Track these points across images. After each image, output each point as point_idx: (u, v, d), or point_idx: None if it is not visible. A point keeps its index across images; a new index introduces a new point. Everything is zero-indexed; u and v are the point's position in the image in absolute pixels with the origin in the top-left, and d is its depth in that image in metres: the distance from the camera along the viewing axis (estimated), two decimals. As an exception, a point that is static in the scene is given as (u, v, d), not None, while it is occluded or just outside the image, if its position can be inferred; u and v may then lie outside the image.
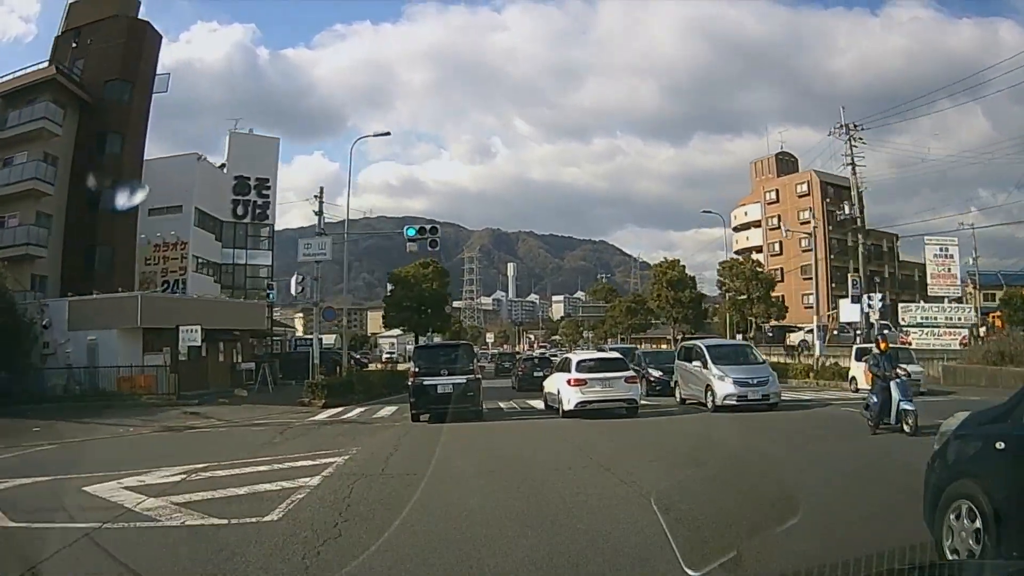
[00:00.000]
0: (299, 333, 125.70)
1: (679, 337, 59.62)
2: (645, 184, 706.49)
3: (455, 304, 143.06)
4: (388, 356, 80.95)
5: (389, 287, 54.04)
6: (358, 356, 67.28)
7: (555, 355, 43.12)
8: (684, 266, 59.13)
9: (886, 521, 7.04)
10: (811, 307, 77.01)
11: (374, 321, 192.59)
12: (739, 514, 6.74)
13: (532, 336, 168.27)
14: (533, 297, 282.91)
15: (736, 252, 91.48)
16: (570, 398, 19.02)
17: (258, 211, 62.53)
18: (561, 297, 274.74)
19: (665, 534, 5.18)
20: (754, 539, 5.26)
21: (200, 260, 57.91)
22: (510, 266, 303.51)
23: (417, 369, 19.98)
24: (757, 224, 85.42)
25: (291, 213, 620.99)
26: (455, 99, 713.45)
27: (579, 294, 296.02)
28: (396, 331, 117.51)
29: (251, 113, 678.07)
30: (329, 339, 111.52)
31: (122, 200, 43.19)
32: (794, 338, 53.06)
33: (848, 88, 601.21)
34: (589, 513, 7.98)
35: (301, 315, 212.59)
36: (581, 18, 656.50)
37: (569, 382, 19.22)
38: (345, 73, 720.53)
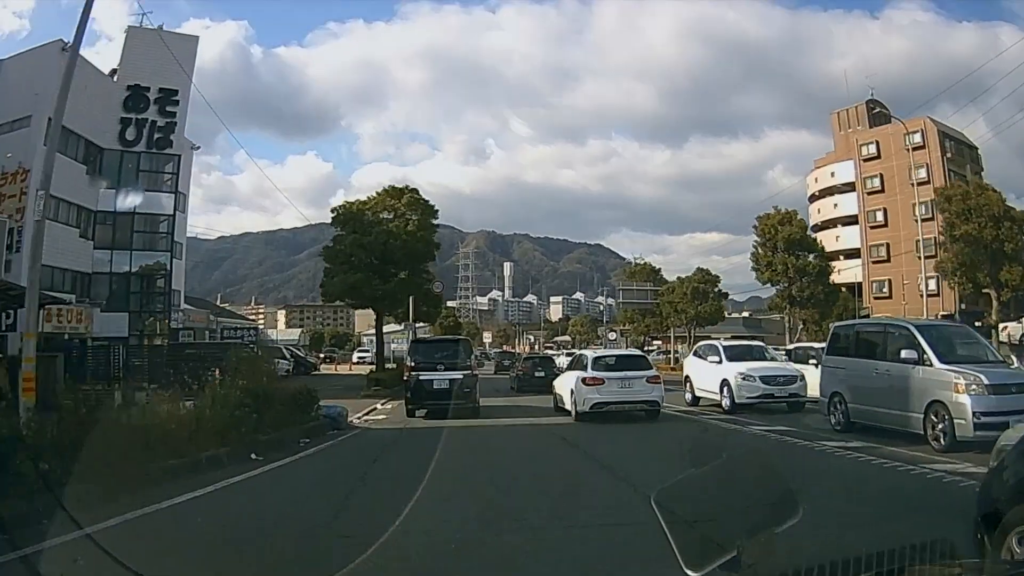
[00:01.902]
0: (280, 330, 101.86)
1: (829, 328, 36.68)
2: (640, 187, 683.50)
3: (449, 304, 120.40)
4: (361, 357, 57.90)
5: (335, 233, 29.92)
6: (301, 354, 43.83)
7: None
8: (803, 219, 36.47)
9: None
10: (933, 294, 54.72)
11: (362, 319, 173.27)
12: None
13: (533, 337, 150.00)
14: (531, 298, 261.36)
15: (814, 228, 68.73)
16: (585, 399, 16.37)
17: (158, 135, 39.75)
18: (559, 298, 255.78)
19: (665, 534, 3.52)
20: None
21: (60, 201, 35.43)
22: (506, 265, 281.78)
23: (413, 364, 18.51)
24: (847, 188, 62.62)
25: (284, 213, 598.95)
26: (449, 99, 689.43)
27: (578, 295, 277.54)
28: (391, 327, 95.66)
29: (244, 112, 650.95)
30: (293, 334, 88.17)
31: None
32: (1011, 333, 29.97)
33: (848, 91, 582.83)
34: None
35: (284, 310, 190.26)
36: (577, 19, 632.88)
37: (584, 381, 16.59)
38: (338, 72, 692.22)
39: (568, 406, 17.49)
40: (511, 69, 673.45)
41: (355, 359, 59.37)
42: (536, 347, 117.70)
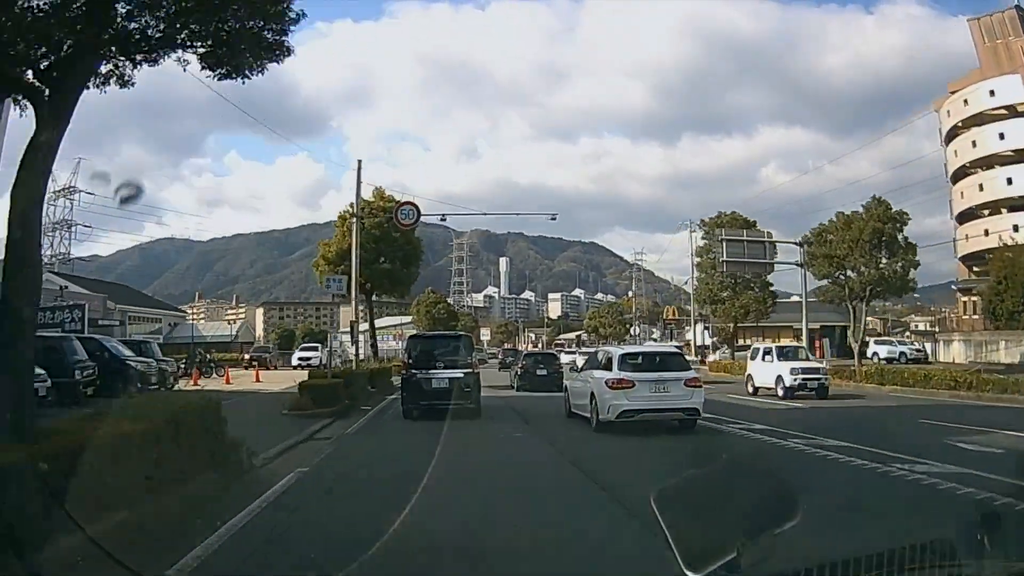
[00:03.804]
0: (223, 326, 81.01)
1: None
2: (633, 186, 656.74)
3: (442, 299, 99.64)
4: (304, 359, 36.94)
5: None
6: (130, 352, 21.91)
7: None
8: None
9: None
10: None
11: (347, 316, 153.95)
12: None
13: (535, 335, 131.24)
14: (528, 295, 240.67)
15: (954, 178, 48.06)
16: (611, 405, 13.21)
17: None
18: (558, 295, 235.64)
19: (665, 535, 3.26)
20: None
21: None
22: (502, 260, 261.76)
23: (410, 361, 16.79)
24: (1014, 112, 41.93)
25: (275, 214, 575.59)
26: (440, 99, 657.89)
27: (577, 291, 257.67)
28: (384, 321, 75.10)
29: (235, 113, 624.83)
30: (222, 328, 66.89)
31: None
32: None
33: (842, 87, 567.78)
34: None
35: (262, 308, 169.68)
36: (567, 16, 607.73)
37: (609, 384, 13.40)
38: (327, 72, 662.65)
39: (586, 413, 14.41)
40: (502, 68, 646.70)
41: (295, 361, 38.27)
42: (539, 346, 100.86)
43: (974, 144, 44.46)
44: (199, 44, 7.80)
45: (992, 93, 43.20)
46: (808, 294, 33.15)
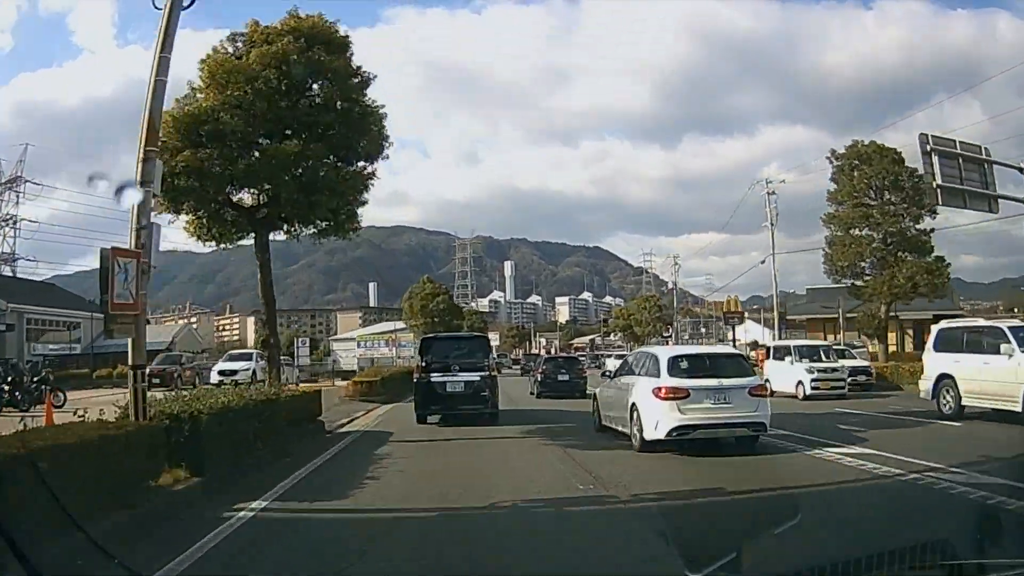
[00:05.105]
0: (163, 332, 66.78)
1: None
2: (635, 189, 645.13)
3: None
4: (226, 374, 23.59)
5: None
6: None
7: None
8: None
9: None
10: None
11: (345, 323, 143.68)
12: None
13: (545, 339, 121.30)
14: (535, 299, 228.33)
15: None
16: (660, 419, 10.30)
17: None
18: (565, 299, 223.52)
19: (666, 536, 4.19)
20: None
21: None
22: (507, 264, 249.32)
23: (424, 364, 15.79)
24: None
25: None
26: (438, 104, 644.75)
27: (585, 295, 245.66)
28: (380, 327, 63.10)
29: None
30: (164, 333, 53.11)
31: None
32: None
33: (842, 85, 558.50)
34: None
35: (252, 317, 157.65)
36: (566, 17, 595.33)
37: (658, 393, 10.46)
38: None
39: (623, 427, 11.49)
40: (500, 72, 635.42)
41: (215, 377, 25.06)
42: (552, 350, 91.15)
43: None
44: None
45: None
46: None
